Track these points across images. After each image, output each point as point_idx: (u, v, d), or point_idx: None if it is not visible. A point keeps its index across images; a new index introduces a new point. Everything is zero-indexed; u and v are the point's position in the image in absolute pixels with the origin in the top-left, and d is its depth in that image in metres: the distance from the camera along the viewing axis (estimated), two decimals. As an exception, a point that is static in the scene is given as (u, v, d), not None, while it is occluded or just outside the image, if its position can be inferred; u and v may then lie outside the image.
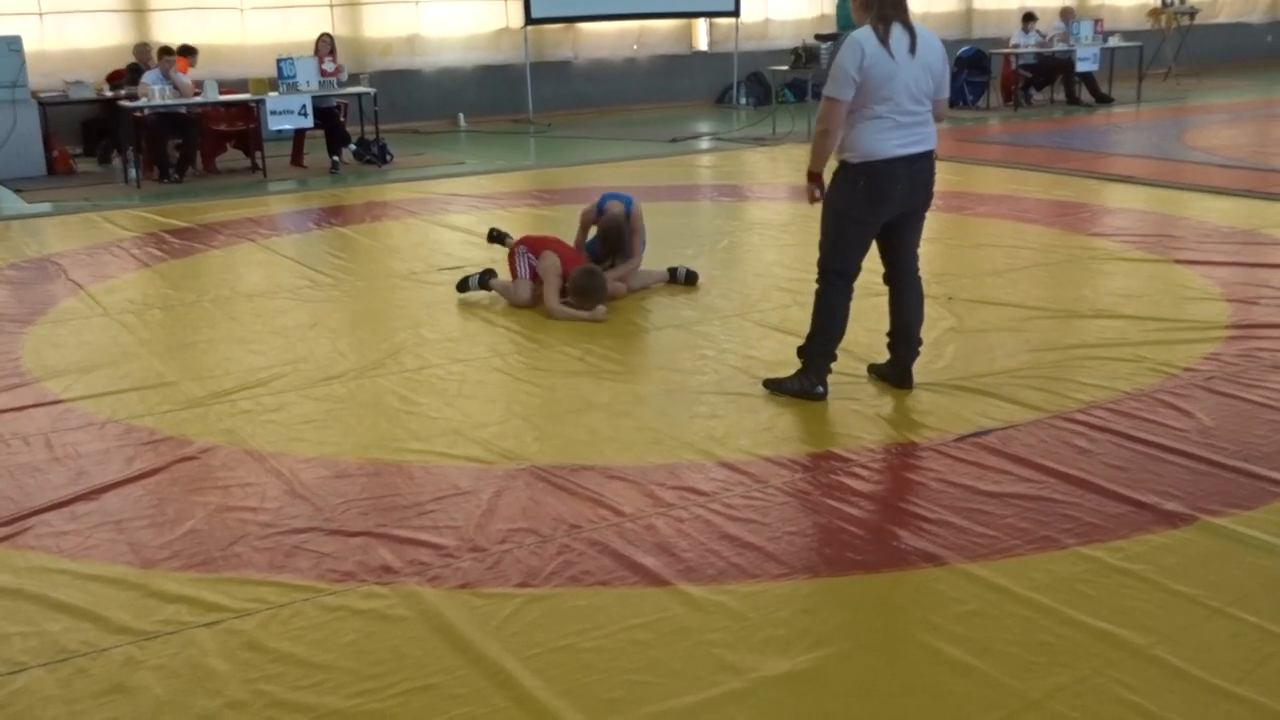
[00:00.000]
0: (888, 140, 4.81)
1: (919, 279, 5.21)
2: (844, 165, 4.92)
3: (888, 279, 5.20)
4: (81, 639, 3.30)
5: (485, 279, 7.02)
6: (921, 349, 5.24)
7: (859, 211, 4.93)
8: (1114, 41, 18.02)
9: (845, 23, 17.10)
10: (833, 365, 5.16)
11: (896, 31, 4.75)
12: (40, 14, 14.61)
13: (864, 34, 4.74)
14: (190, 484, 4.38)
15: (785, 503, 4.05)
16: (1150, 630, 3.19)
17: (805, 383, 5.11)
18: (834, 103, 4.79)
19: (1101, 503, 3.97)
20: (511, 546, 3.78)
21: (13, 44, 12.53)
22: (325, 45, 13.34)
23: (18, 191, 11.81)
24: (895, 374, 5.23)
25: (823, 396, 5.08)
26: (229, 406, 5.19)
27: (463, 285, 7.06)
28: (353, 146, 13.33)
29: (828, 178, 5.04)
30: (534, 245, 6.83)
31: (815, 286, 5.14)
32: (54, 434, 4.91)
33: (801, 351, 5.18)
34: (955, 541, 3.72)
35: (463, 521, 3.97)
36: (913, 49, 4.77)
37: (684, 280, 7.20)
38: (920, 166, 4.92)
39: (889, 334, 5.23)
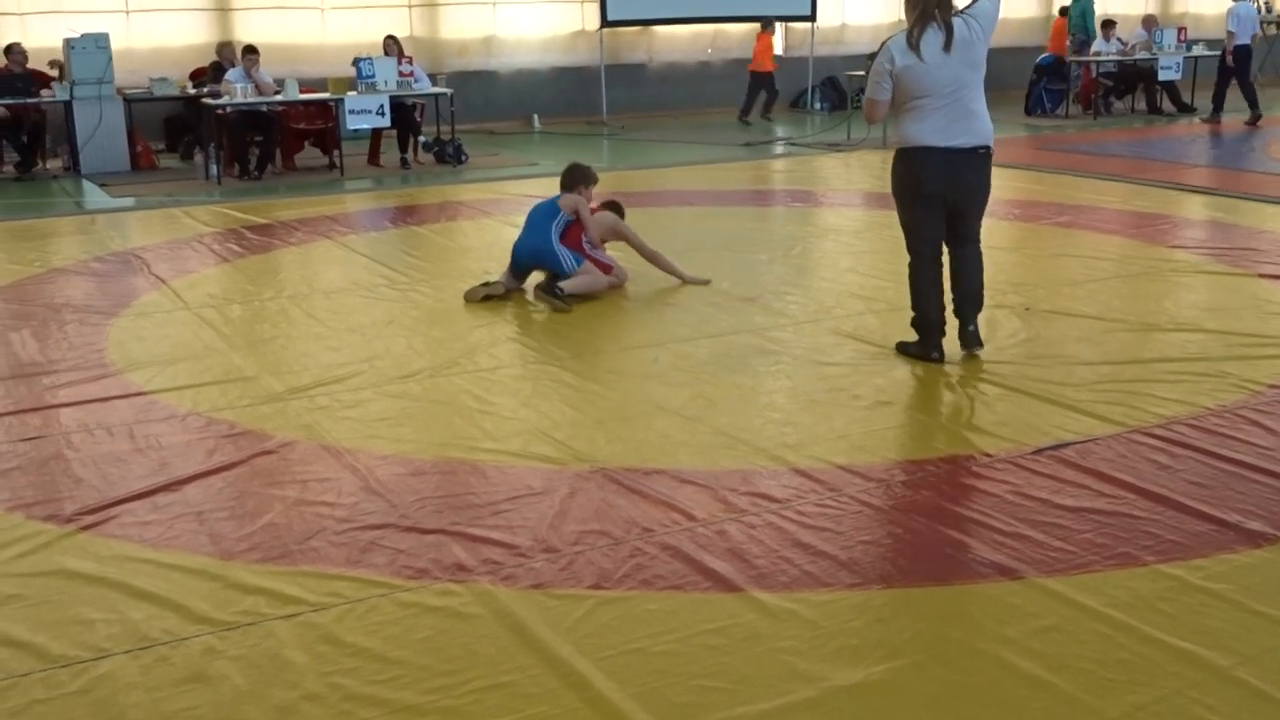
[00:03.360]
0: (923, 130, 5.31)
1: (979, 245, 5.54)
2: (896, 152, 5.54)
3: (946, 243, 5.60)
4: (163, 627, 3.36)
5: (554, 289, 6.81)
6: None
7: (906, 194, 5.48)
8: (1197, 50, 17.71)
9: (1079, 28, 17.26)
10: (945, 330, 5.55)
11: (930, 33, 5.23)
12: (127, 12, 14.94)
13: (896, 41, 5.32)
14: (269, 478, 4.45)
15: (859, 512, 4.03)
16: (1232, 651, 3.13)
17: (921, 350, 5.61)
18: (872, 102, 5.45)
19: (1182, 520, 3.90)
20: (584, 548, 3.79)
21: (100, 41, 12.80)
22: (394, 47, 13.50)
23: (103, 185, 12.07)
24: (964, 338, 5.60)
25: (939, 360, 5.51)
26: (307, 402, 5.26)
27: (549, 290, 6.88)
28: (423, 139, 13.47)
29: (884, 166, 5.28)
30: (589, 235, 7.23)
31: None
32: (137, 425, 5.01)
33: (912, 324, 5.67)
34: (1031, 555, 3.68)
35: (536, 522, 3.99)
36: (947, 46, 5.21)
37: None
38: (960, 164, 5.29)
39: (953, 299, 5.60)
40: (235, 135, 12.60)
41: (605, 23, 17.31)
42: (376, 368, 5.76)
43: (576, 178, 7.36)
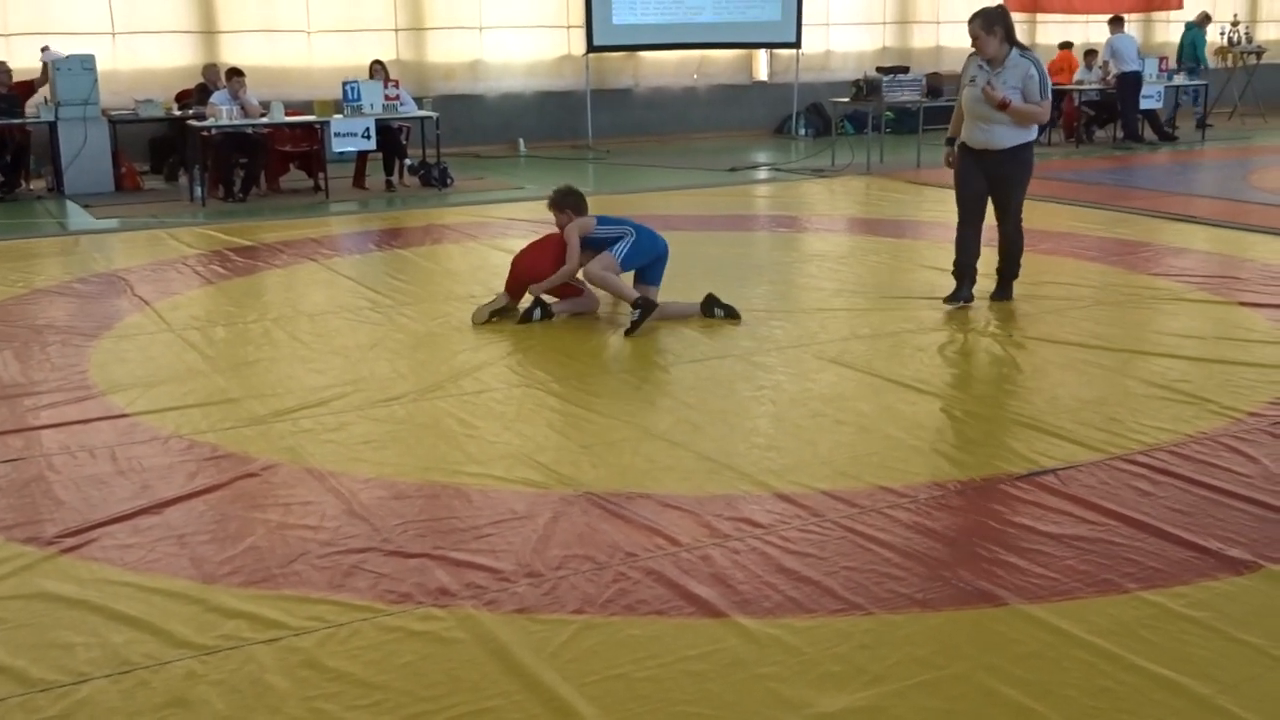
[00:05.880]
0: None
1: None
2: (1026, 145, 7.06)
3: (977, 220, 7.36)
4: (144, 651, 3.35)
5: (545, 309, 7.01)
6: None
7: (1031, 175, 7.23)
8: (1178, 80, 17.86)
9: (1189, 55, 17.98)
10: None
11: None
12: (113, 34, 14.91)
13: (1036, 54, 6.99)
14: (251, 501, 4.43)
15: (843, 537, 4.03)
16: (1213, 679, 3.14)
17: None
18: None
19: (1164, 547, 3.92)
20: (568, 573, 3.79)
21: (86, 63, 12.80)
22: (380, 72, 13.53)
23: (86, 207, 12.04)
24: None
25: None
26: (290, 425, 5.25)
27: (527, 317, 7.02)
28: (409, 162, 13.49)
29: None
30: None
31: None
32: (119, 447, 4.99)
33: (1008, 274, 7.32)
34: (1014, 582, 3.68)
35: (519, 546, 3.98)
36: None
37: (722, 315, 7.06)
38: None
39: (961, 265, 7.24)
40: (220, 157, 12.59)
41: (591, 48, 17.38)
42: (360, 391, 5.75)
43: (567, 203, 7.23)
